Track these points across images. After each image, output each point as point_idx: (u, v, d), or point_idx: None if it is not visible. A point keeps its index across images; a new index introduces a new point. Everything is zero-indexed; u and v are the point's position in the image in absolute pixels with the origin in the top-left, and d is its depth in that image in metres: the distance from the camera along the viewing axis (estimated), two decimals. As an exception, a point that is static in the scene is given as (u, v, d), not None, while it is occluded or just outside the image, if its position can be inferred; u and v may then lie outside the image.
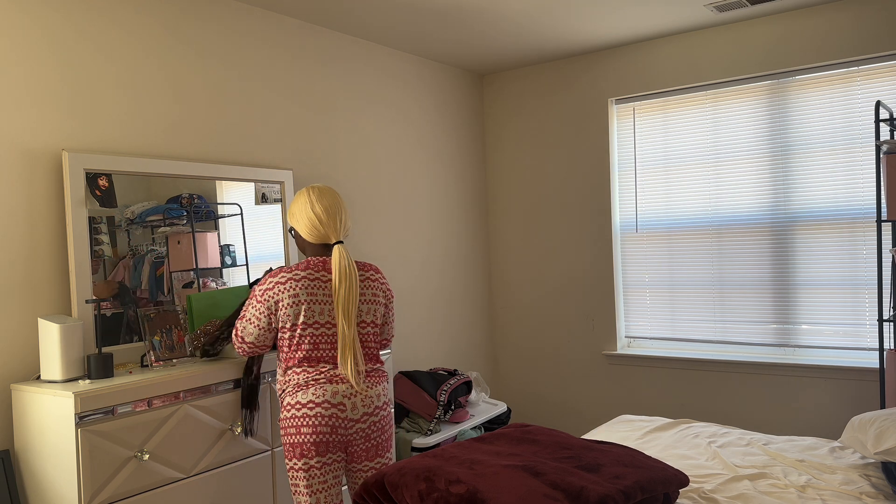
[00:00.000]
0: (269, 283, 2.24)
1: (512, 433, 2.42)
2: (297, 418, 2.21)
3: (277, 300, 2.22)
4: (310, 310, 2.24)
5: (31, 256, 2.43)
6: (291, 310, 2.22)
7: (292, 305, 2.22)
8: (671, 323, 4.16)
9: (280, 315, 2.23)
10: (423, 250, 4.21)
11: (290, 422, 2.22)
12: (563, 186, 4.43)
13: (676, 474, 2.14)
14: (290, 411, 2.22)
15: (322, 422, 2.20)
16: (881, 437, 2.29)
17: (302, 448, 2.20)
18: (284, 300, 2.22)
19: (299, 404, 2.21)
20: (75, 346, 2.29)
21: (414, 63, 4.16)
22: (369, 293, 2.35)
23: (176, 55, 2.90)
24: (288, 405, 2.23)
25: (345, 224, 2.36)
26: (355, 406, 2.25)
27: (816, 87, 3.65)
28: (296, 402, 2.21)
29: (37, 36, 2.47)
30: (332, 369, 2.25)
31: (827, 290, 3.66)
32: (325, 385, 2.22)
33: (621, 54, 4.18)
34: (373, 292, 2.36)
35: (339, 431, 2.23)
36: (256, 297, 2.25)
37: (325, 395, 2.21)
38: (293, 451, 2.22)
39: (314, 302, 2.25)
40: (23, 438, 2.28)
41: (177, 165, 2.82)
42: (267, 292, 2.24)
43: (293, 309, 2.22)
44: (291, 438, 2.22)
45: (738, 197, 3.89)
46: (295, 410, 2.21)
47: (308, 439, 2.20)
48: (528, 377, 4.63)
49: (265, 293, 2.24)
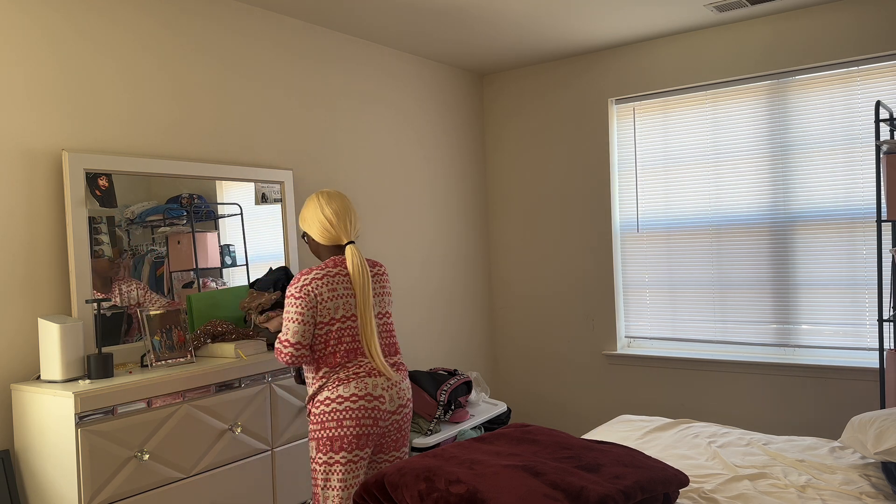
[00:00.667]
0: (306, 280, 2.30)
1: (512, 433, 2.42)
2: (338, 412, 2.24)
3: (317, 293, 2.29)
4: (347, 304, 2.34)
5: (31, 256, 2.43)
6: (331, 303, 2.31)
7: (332, 299, 2.31)
8: (671, 323, 4.16)
9: (321, 309, 2.30)
10: (424, 250, 4.21)
11: (330, 415, 2.25)
12: (564, 186, 4.43)
13: (676, 474, 2.14)
14: (330, 405, 2.25)
15: (365, 414, 2.26)
16: (881, 437, 2.29)
17: (342, 441, 2.24)
18: (324, 293, 2.30)
19: (341, 398, 2.25)
20: (75, 346, 2.29)
21: (414, 63, 4.16)
22: (379, 287, 2.48)
23: (176, 55, 2.90)
24: (328, 399, 2.26)
25: (354, 225, 2.45)
26: (392, 398, 2.35)
27: (816, 87, 3.65)
28: (337, 396, 2.25)
29: (37, 36, 2.47)
30: (367, 363, 2.33)
31: (827, 290, 3.66)
32: (366, 378, 2.29)
33: (621, 54, 4.18)
34: (383, 286, 2.49)
35: (379, 423, 2.31)
36: (294, 295, 2.29)
37: (367, 388, 2.28)
38: (331, 445, 2.24)
39: (349, 296, 2.35)
40: (23, 438, 2.28)
41: (177, 165, 2.82)
42: (305, 287, 2.29)
43: (333, 303, 2.31)
44: (331, 432, 2.24)
45: (737, 197, 3.89)
46: (336, 404, 2.25)
47: (350, 432, 2.24)
48: (528, 377, 4.63)
49: (303, 289, 2.29)
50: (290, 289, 2.32)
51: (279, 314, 2.73)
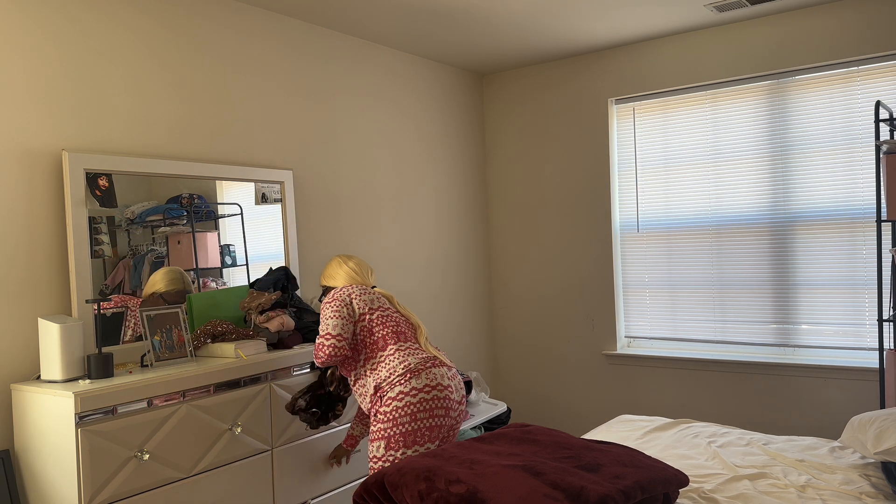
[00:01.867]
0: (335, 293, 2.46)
1: (512, 433, 2.42)
2: (412, 405, 2.23)
3: (350, 294, 2.44)
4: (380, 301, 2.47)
5: (31, 256, 2.43)
6: (365, 297, 2.45)
7: (366, 294, 2.46)
8: (671, 323, 4.16)
9: (356, 305, 2.41)
10: (424, 250, 4.21)
11: (404, 410, 2.23)
12: (564, 186, 4.43)
13: (676, 474, 2.14)
14: (403, 399, 2.24)
15: (439, 404, 2.26)
16: (881, 437, 2.29)
17: (416, 435, 2.23)
18: (355, 293, 2.44)
19: (415, 390, 2.25)
20: (75, 346, 2.29)
21: (414, 63, 4.16)
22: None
23: (176, 55, 2.90)
24: (401, 394, 2.25)
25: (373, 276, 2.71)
26: (457, 388, 2.37)
27: (816, 87, 3.65)
28: (411, 389, 2.25)
29: (37, 36, 2.47)
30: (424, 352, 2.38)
31: (827, 290, 3.66)
32: (433, 369, 2.31)
33: (621, 54, 4.18)
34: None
35: (450, 414, 2.31)
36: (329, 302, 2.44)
37: (437, 379, 2.30)
38: (404, 440, 2.23)
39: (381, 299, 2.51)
40: (23, 438, 2.28)
41: (177, 165, 2.82)
42: (338, 293, 2.44)
43: (366, 297, 2.45)
44: (405, 427, 2.23)
45: (737, 197, 3.89)
46: (410, 397, 2.24)
47: (425, 423, 2.23)
48: (528, 377, 4.63)
49: (336, 294, 2.44)
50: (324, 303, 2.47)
51: (279, 314, 2.73)
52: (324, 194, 3.55)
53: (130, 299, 2.65)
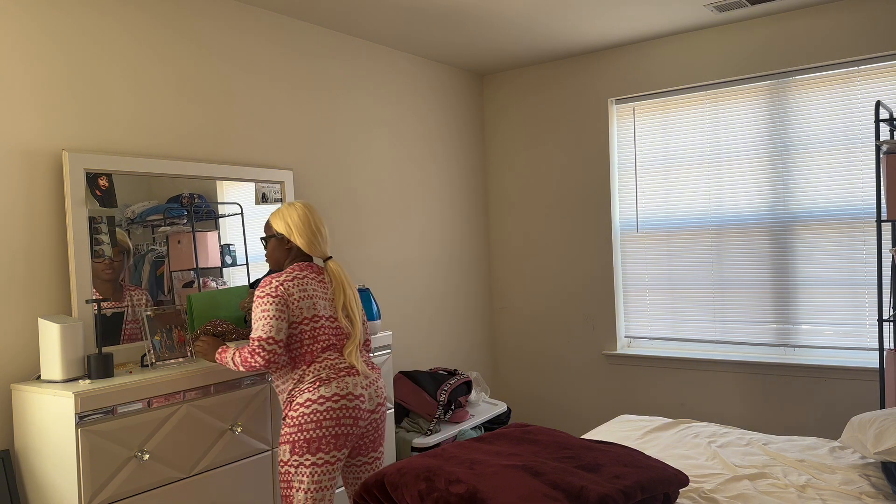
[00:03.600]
0: (276, 282, 2.29)
1: (512, 433, 2.42)
2: (318, 413, 2.22)
3: (290, 293, 2.29)
4: (319, 304, 2.34)
5: (31, 256, 2.43)
6: (304, 303, 2.31)
7: (304, 299, 2.31)
8: (671, 323, 4.16)
9: (293, 308, 2.29)
10: (424, 250, 4.21)
11: (309, 417, 2.22)
12: (564, 186, 4.43)
13: (676, 474, 2.14)
14: (310, 406, 2.22)
15: (346, 413, 2.25)
16: (881, 437, 2.29)
17: (320, 442, 2.21)
18: (296, 294, 2.30)
19: (322, 398, 2.23)
20: (75, 346, 2.29)
21: (414, 63, 4.16)
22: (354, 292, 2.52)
23: (177, 55, 2.90)
24: (308, 401, 2.23)
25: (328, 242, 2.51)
26: (371, 397, 2.35)
27: (816, 87, 3.65)
28: (318, 397, 2.23)
29: (37, 35, 2.47)
30: (342, 362, 2.33)
31: (827, 290, 3.66)
32: (346, 378, 2.29)
33: (621, 54, 4.18)
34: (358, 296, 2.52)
35: (359, 423, 2.30)
36: (270, 294, 2.26)
37: (348, 388, 2.27)
38: (308, 447, 2.21)
39: (321, 298, 2.36)
40: (23, 438, 2.28)
41: (177, 165, 2.82)
42: (279, 288, 2.28)
43: (304, 302, 2.31)
44: (309, 434, 2.21)
45: (737, 197, 3.89)
46: (317, 405, 2.22)
47: (329, 432, 2.22)
48: (528, 377, 4.63)
49: (277, 289, 2.28)
50: (261, 290, 2.28)
51: None
52: (324, 194, 3.55)
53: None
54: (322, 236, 2.44)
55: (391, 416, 3.26)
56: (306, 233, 2.40)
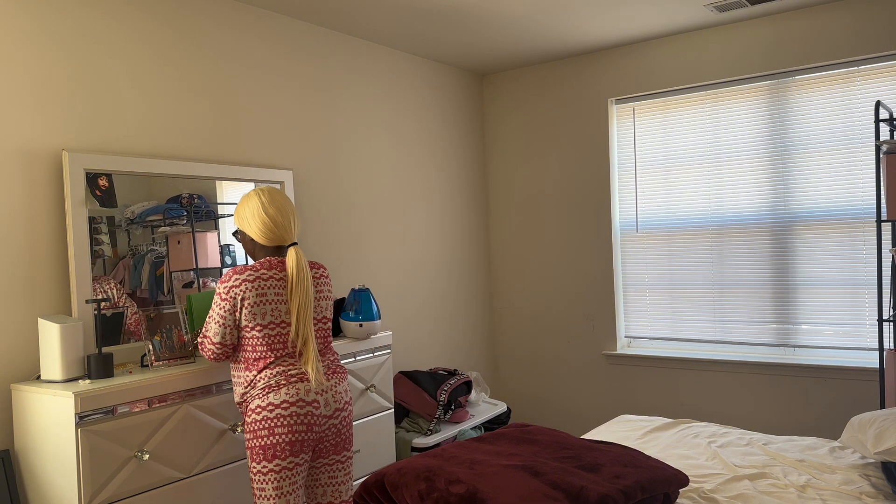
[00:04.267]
0: (235, 281, 2.22)
1: (512, 433, 2.42)
2: (269, 420, 2.17)
3: (243, 297, 2.22)
4: (277, 309, 2.26)
5: (31, 256, 2.43)
6: (259, 308, 2.23)
7: (260, 304, 2.23)
8: (671, 323, 4.16)
9: (245, 313, 2.22)
10: (424, 249, 4.21)
11: (261, 424, 2.18)
12: (563, 186, 4.43)
13: (676, 474, 2.14)
14: (260, 413, 2.18)
15: (298, 420, 2.19)
16: (881, 437, 2.29)
17: (275, 449, 2.17)
18: (250, 298, 2.22)
19: (272, 405, 2.18)
20: (75, 346, 2.29)
21: (414, 63, 4.16)
22: (325, 290, 2.41)
23: (177, 55, 2.90)
24: (258, 407, 2.19)
25: (297, 225, 2.39)
26: (328, 402, 2.27)
27: (816, 87, 3.65)
28: (268, 404, 2.18)
29: (37, 35, 2.47)
30: (296, 369, 2.26)
31: (827, 290, 3.66)
32: (297, 384, 2.22)
33: (621, 54, 4.18)
34: (327, 289, 2.42)
35: (313, 429, 2.23)
36: (221, 294, 2.22)
37: (300, 394, 2.21)
38: (264, 454, 2.18)
39: (281, 301, 2.27)
40: (23, 438, 2.28)
41: (177, 165, 2.82)
42: (233, 290, 2.21)
43: (261, 308, 2.23)
44: (263, 441, 2.18)
45: (738, 197, 3.89)
46: (267, 412, 2.18)
47: (283, 439, 2.18)
48: (528, 377, 4.63)
49: (230, 290, 2.22)
50: (218, 286, 2.25)
51: None
52: (324, 194, 3.55)
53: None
54: (277, 224, 2.32)
55: (391, 415, 3.26)
56: (256, 223, 2.32)
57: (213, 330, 2.24)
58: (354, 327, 3.13)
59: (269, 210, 2.32)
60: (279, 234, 2.33)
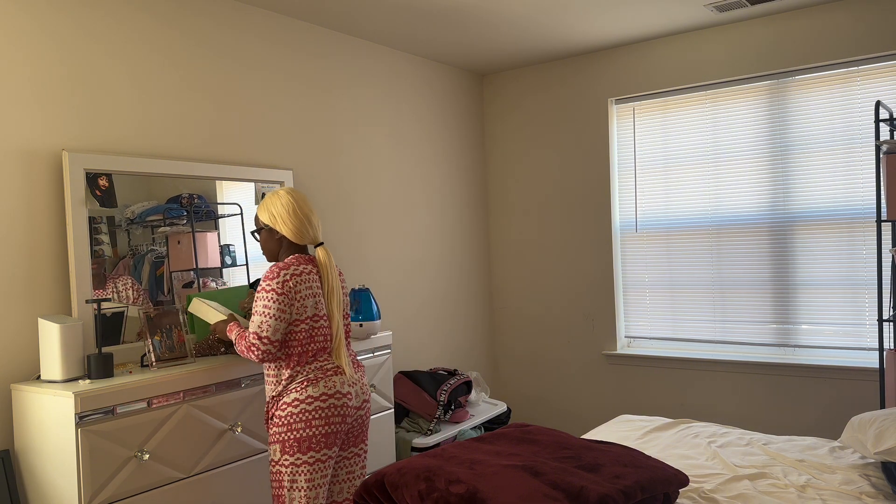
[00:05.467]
0: (285, 276, 2.26)
1: (512, 433, 2.42)
2: (308, 412, 2.22)
3: (297, 290, 2.28)
4: (318, 303, 2.34)
5: (31, 256, 2.43)
6: (308, 301, 2.30)
7: (308, 297, 2.30)
8: (671, 323, 4.16)
9: (297, 306, 2.28)
10: (424, 249, 4.21)
11: (299, 416, 2.22)
12: (563, 186, 4.43)
13: (676, 474, 2.14)
14: (298, 406, 2.23)
15: (335, 412, 2.26)
16: (881, 437, 2.29)
17: (311, 441, 2.22)
18: (302, 291, 2.29)
19: (311, 398, 2.23)
20: (75, 346, 2.29)
21: (414, 63, 4.16)
22: (346, 287, 2.54)
23: (177, 55, 2.90)
24: (296, 401, 2.23)
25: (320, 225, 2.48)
26: (357, 394, 2.36)
27: (816, 87, 3.65)
28: (306, 397, 2.23)
29: (37, 35, 2.47)
30: (331, 363, 2.34)
31: (827, 290, 3.66)
32: (333, 377, 2.29)
33: (621, 54, 4.18)
34: (343, 289, 2.51)
35: (347, 420, 2.31)
36: (275, 290, 2.23)
37: (336, 387, 2.28)
38: (299, 446, 2.22)
39: (319, 296, 2.35)
40: (23, 438, 2.28)
41: (177, 165, 2.82)
42: (286, 283, 2.25)
43: (310, 300, 2.31)
44: (299, 433, 2.22)
45: (737, 197, 3.89)
46: (306, 405, 2.23)
47: (319, 431, 2.23)
48: (528, 377, 4.63)
49: (284, 284, 2.25)
50: (267, 282, 2.25)
51: None
52: (324, 194, 3.55)
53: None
54: (311, 223, 2.39)
55: (391, 415, 3.26)
56: (292, 221, 2.36)
57: (273, 327, 2.23)
58: (355, 327, 3.14)
59: (304, 209, 2.39)
60: (311, 234, 2.39)
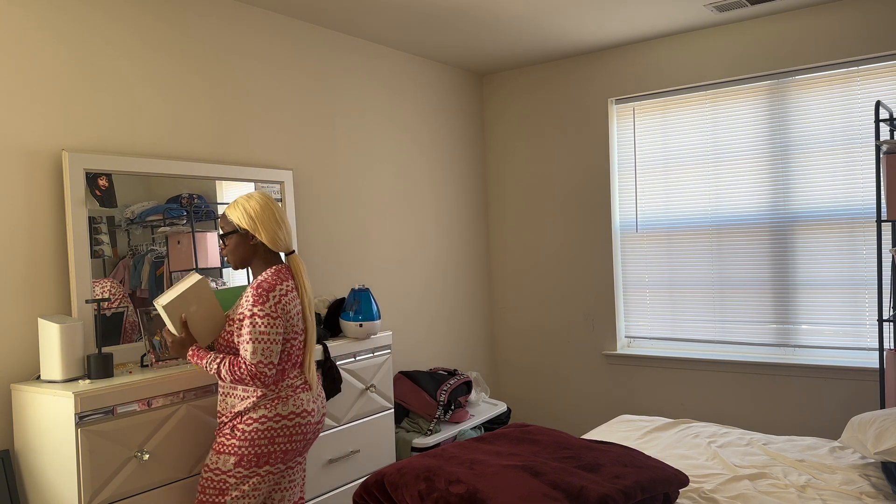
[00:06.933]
0: (274, 298, 2.18)
1: (512, 433, 2.43)
2: (273, 430, 2.19)
3: (287, 310, 2.23)
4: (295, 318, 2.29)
5: (31, 256, 2.43)
6: (294, 319, 2.27)
7: (295, 315, 2.27)
8: (671, 323, 4.16)
9: (288, 328, 2.25)
10: (423, 250, 4.21)
11: (264, 433, 2.17)
12: (563, 186, 4.43)
13: (676, 474, 2.14)
14: (265, 423, 2.18)
15: (298, 430, 2.24)
16: (881, 437, 2.29)
17: (269, 457, 2.19)
18: (291, 310, 2.25)
19: (279, 416, 2.20)
20: (75, 346, 2.29)
21: (414, 63, 4.16)
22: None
23: (177, 55, 2.90)
24: (263, 417, 2.18)
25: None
26: (318, 410, 2.33)
27: (816, 87, 3.65)
28: (274, 415, 2.19)
29: (37, 35, 2.47)
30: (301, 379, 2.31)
31: (827, 290, 3.66)
32: (301, 395, 2.27)
33: (621, 54, 4.18)
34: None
35: (307, 438, 2.29)
36: (270, 315, 2.15)
37: (303, 405, 2.26)
38: (257, 461, 2.17)
39: (297, 311, 2.30)
40: (23, 438, 2.28)
41: (177, 165, 2.82)
42: (278, 306, 2.19)
43: (295, 318, 2.27)
44: (260, 449, 2.17)
45: (737, 197, 3.89)
46: (272, 423, 2.19)
47: (280, 448, 2.20)
48: (528, 377, 4.63)
49: (276, 307, 2.18)
50: (259, 308, 2.14)
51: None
52: (324, 194, 3.55)
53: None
54: (286, 228, 2.30)
55: (391, 415, 3.26)
56: (270, 226, 2.25)
57: (274, 352, 2.16)
58: (354, 327, 3.14)
59: (280, 212, 2.31)
60: (286, 241, 2.32)
